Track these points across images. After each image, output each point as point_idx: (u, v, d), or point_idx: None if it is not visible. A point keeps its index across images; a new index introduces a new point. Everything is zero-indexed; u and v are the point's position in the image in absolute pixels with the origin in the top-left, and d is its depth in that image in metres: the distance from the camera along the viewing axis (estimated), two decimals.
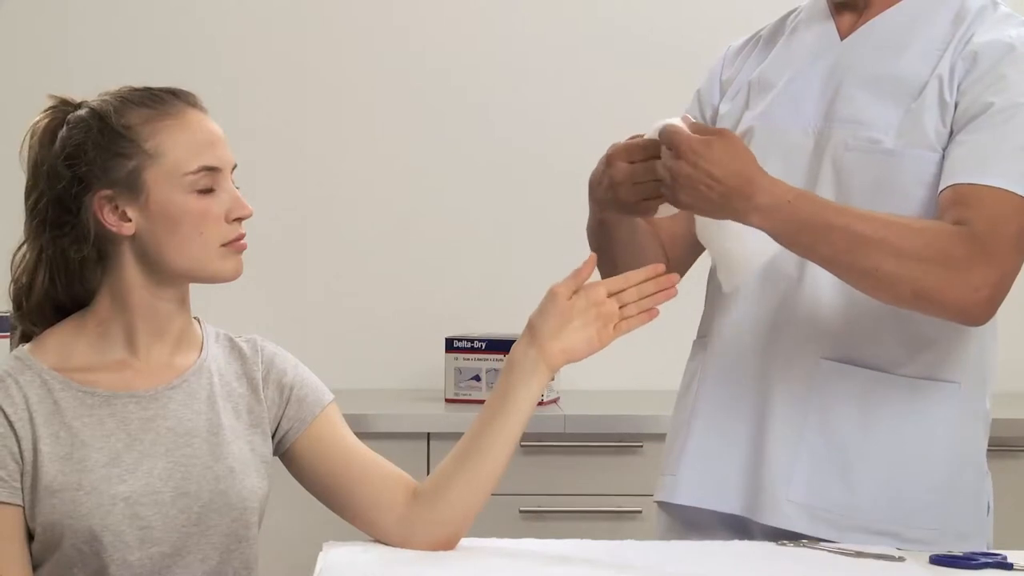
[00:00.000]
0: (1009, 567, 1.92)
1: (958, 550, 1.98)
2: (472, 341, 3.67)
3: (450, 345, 3.70)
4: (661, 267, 2.00)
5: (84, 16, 3.92)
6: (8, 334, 3.23)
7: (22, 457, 1.93)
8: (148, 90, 2.00)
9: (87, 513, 1.91)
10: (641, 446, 3.42)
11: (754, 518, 2.13)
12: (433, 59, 3.98)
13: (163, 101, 1.98)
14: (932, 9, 2.14)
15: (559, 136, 3.96)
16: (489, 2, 3.99)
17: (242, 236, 1.99)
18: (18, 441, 1.93)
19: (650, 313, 1.99)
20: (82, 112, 1.99)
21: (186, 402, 2.00)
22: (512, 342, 2.02)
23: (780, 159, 2.13)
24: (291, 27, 3.96)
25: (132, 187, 1.95)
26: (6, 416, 1.94)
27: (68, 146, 1.97)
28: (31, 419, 1.94)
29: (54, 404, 1.95)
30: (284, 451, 2.07)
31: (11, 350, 2.04)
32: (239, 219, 1.98)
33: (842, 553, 1.99)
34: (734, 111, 2.25)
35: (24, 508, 1.93)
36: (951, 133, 2.06)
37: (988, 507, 2.18)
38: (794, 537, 2.08)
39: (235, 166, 2.00)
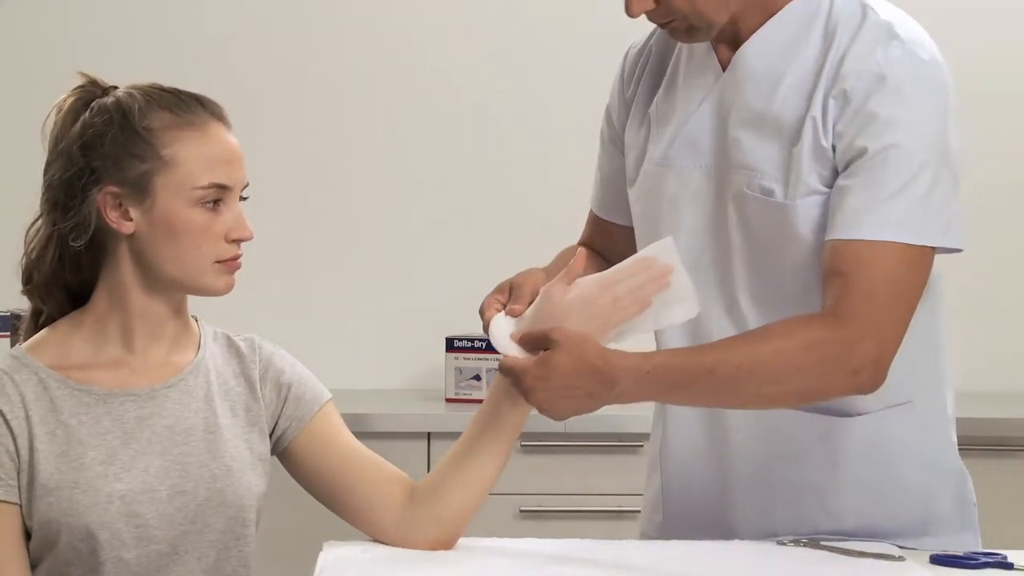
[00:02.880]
0: (1009, 567, 1.91)
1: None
2: (472, 341, 3.67)
3: (450, 345, 3.69)
4: (651, 261, 1.99)
5: (84, 16, 3.92)
6: (8, 334, 3.25)
7: (18, 455, 1.93)
8: (176, 93, 1.98)
9: (83, 511, 1.91)
10: (641, 446, 3.41)
11: None
12: (433, 59, 3.98)
13: (188, 108, 1.97)
14: (800, 33, 2.06)
15: (559, 136, 3.95)
16: (489, 2, 3.99)
17: (238, 256, 1.98)
18: (14, 439, 1.93)
19: (642, 303, 1.98)
20: (107, 101, 1.97)
21: (183, 400, 2.00)
22: None
23: (689, 203, 2.11)
24: (291, 27, 3.96)
25: (140, 189, 1.94)
26: (2, 414, 1.94)
27: (86, 134, 1.96)
28: (27, 417, 1.94)
29: (50, 402, 1.95)
30: (282, 450, 2.07)
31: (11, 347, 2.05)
32: (238, 240, 1.98)
33: (842, 553, 1.99)
34: (639, 142, 2.21)
35: (21, 506, 1.93)
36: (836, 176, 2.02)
37: (973, 504, 2.17)
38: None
39: (246, 185, 2.00)
